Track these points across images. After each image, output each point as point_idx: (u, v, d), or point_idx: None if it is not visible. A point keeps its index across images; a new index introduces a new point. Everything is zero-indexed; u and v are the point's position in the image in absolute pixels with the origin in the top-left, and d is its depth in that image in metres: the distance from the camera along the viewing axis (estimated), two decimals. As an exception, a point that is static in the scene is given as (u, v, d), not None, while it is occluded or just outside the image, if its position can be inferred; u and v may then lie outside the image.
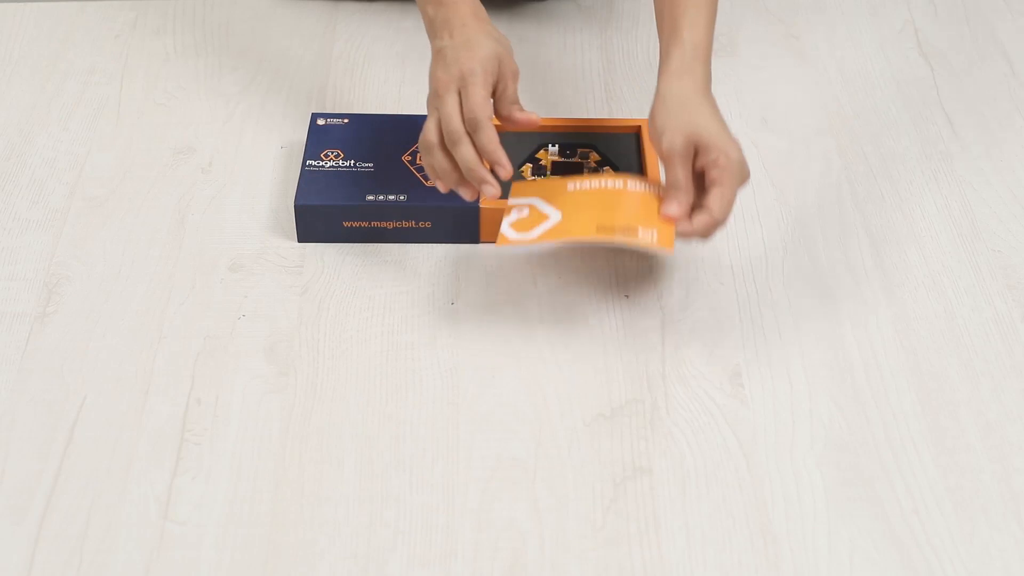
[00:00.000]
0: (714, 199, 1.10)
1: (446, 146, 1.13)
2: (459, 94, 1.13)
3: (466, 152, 1.12)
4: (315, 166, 1.25)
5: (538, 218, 1.12)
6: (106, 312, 1.17)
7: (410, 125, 1.30)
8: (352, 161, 1.26)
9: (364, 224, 1.23)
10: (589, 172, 1.26)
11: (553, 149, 1.28)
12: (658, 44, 1.20)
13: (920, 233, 1.26)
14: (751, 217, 1.27)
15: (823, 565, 0.98)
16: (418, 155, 1.27)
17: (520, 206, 1.14)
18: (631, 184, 1.15)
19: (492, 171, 1.13)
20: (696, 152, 1.11)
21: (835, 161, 1.34)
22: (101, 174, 1.31)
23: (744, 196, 1.29)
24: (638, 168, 1.27)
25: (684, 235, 1.11)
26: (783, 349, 1.14)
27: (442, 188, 1.16)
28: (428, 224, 1.23)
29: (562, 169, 1.27)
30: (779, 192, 1.30)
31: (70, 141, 1.35)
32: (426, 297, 1.18)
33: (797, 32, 1.51)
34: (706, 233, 1.11)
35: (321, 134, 1.29)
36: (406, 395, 1.10)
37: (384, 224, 1.23)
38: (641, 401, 1.10)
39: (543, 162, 1.28)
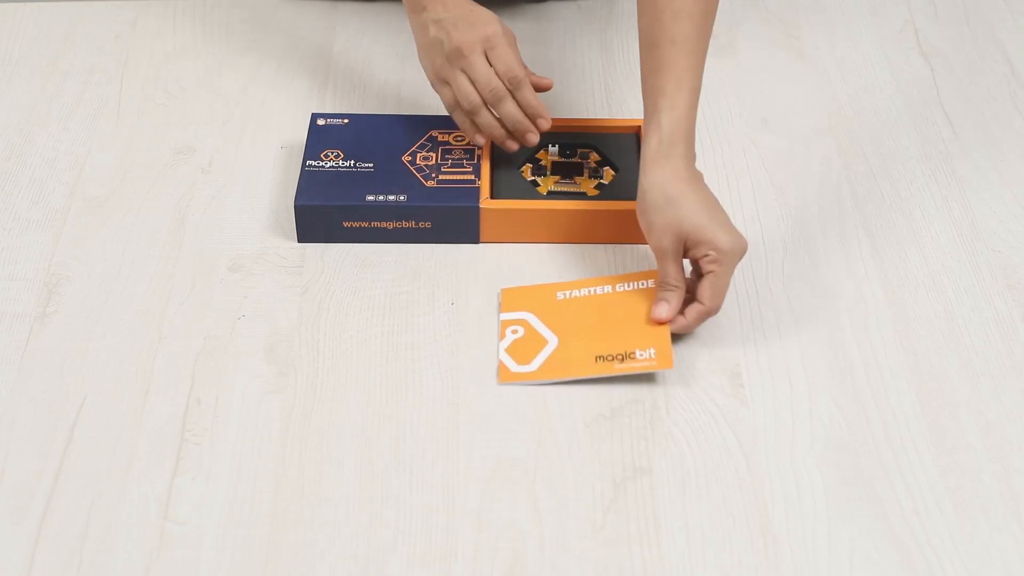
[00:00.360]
0: (705, 291, 1.11)
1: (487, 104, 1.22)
2: (485, 55, 1.20)
3: (512, 108, 1.21)
4: (315, 166, 1.25)
5: (535, 341, 1.13)
6: (106, 312, 1.17)
7: (410, 125, 1.30)
8: (352, 161, 1.26)
9: (364, 224, 1.23)
10: (589, 172, 1.26)
11: (553, 149, 1.28)
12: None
13: (920, 233, 1.26)
14: (751, 217, 1.27)
15: (823, 565, 0.98)
16: (418, 155, 1.27)
17: (514, 324, 1.15)
18: (619, 286, 1.17)
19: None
20: (686, 246, 1.12)
21: (835, 161, 1.34)
22: (101, 174, 1.31)
23: (744, 196, 1.29)
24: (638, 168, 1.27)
25: (678, 330, 1.13)
26: (783, 349, 1.14)
27: (481, 142, 1.25)
28: (428, 224, 1.23)
29: (562, 169, 1.27)
30: (779, 192, 1.30)
31: (70, 141, 1.35)
32: (426, 297, 1.18)
33: (797, 32, 1.51)
34: (699, 323, 1.13)
35: (321, 134, 1.29)
36: (406, 395, 1.10)
37: (384, 224, 1.22)
38: (641, 401, 1.10)
39: (543, 162, 1.28)
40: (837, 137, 1.37)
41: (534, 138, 1.23)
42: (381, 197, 1.22)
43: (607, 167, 1.27)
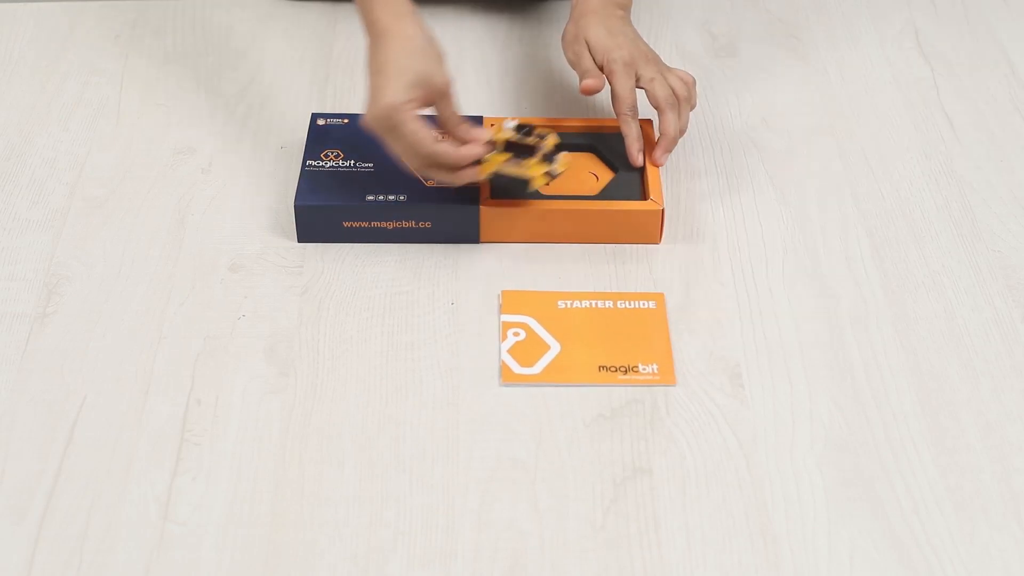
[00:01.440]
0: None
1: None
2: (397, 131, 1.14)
3: (442, 175, 1.17)
4: (315, 166, 1.25)
5: (536, 345, 1.13)
6: (106, 312, 1.17)
7: (410, 125, 1.30)
8: (352, 161, 1.26)
9: (364, 224, 1.22)
10: (542, 156, 1.20)
11: (511, 125, 1.23)
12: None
13: (920, 233, 1.26)
14: (751, 217, 1.27)
15: (823, 565, 0.98)
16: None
17: (516, 327, 1.15)
18: (621, 303, 1.17)
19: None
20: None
21: (835, 161, 1.34)
22: (101, 174, 1.31)
23: (744, 196, 1.29)
24: (636, 170, 1.27)
25: (665, 150, 1.25)
26: (783, 349, 1.14)
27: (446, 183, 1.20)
28: (428, 224, 1.23)
29: (514, 149, 1.21)
30: (779, 192, 1.30)
31: (70, 141, 1.35)
32: (426, 297, 1.18)
33: (797, 32, 1.51)
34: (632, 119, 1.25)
35: (321, 134, 1.29)
36: (406, 395, 1.10)
37: (384, 224, 1.22)
38: (641, 401, 1.10)
39: (495, 138, 1.21)
40: (837, 137, 1.37)
41: (474, 173, 1.18)
42: (381, 197, 1.22)
43: (563, 151, 1.23)
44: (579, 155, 1.28)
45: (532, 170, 1.19)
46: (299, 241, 1.23)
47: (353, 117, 1.31)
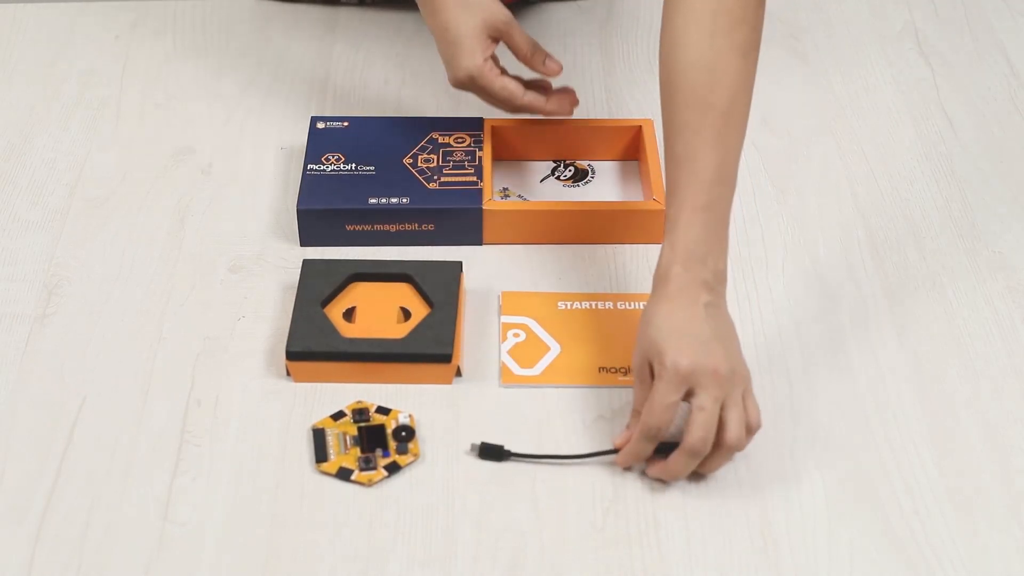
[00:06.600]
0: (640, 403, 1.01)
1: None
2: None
3: (537, 109, 1.24)
4: (316, 170, 1.25)
5: (536, 346, 1.13)
6: (106, 312, 1.17)
7: (411, 127, 1.30)
8: (353, 164, 1.26)
9: (367, 227, 1.22)
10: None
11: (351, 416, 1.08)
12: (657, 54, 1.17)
13: (920, 233, 1.26)
14: (751, 217, 1.27)
15: (823, 565, 0.98)
16: (419, 157, 1.26)
17: (516, 328, 1.15)
18: (620, 304, 1.17)
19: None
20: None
21: (835, 161, 1.34)
22: (101, 175, 1.31)
23: (744, 196, 1.29)
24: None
25: (657, 474, 1.03)
26: (783, 349, 1.14)
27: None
28: (431, 227, 1.22)
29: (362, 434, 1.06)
30: (779, 192, 1.30)
31: (70, 142, 1.35)
32: (426, 297, 1.18)
33: (797, 32, 1.51)
34: (647, 448, 1.00)
35: (321, 137, 1.29)
36: (406, 395, 1.10)
37: (387, 227, 1.22)
38: (641, 401, 1.10)
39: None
40: (837, 137, 1.37)
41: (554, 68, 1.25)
42: (384, 200, 1.22)
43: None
44: (393, 286, 1.16)
45: (362, 478, 1.04)
46: (302, 245, 1.23)
47: (353, 119, 1.31)
